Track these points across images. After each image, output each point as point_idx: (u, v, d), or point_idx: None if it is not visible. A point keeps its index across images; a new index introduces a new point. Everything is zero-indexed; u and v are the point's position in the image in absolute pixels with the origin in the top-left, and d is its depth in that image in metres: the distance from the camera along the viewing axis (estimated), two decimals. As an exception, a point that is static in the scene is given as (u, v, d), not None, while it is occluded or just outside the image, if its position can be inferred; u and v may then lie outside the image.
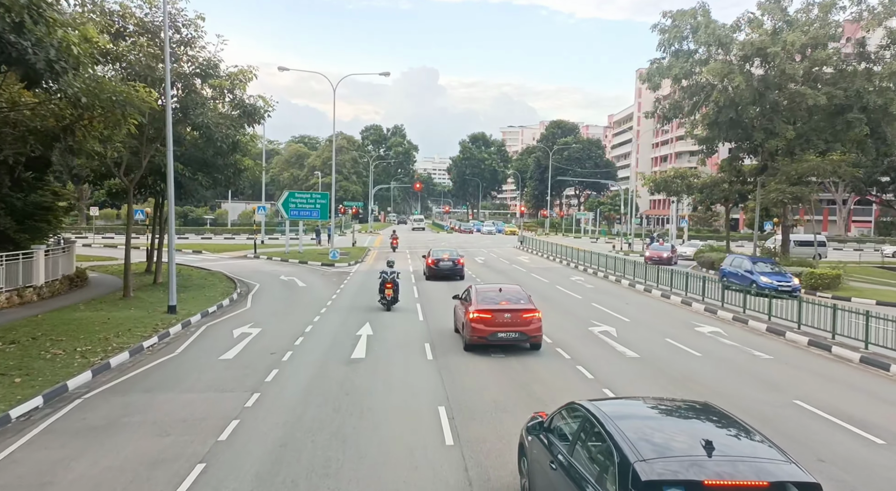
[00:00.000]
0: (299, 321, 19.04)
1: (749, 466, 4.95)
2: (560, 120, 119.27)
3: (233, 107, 23.09)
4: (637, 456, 4.98)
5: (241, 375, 12.80)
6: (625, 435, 5.32)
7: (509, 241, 68.20)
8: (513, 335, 14.57)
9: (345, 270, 35.56)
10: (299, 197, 42.15)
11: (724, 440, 5.36)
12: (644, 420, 5.95)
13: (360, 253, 45.45)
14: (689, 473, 4.78)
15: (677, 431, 5.71)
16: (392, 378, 12.78)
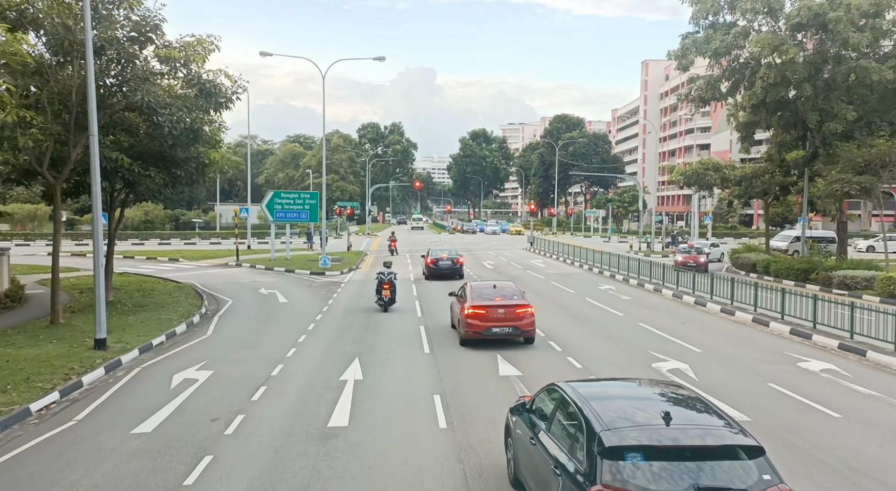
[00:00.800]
0: (267, 357, 14.49)
1: (701, 432, 5.58)
2: (564, 114, 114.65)
3: (188, 84, 18.50)
4: (603, 426, 5.55)
5: (149, 472, 8.23)
6: (595, 410, 5.86)
7: (516, 242, 63.63)
8: (506, 330, 15.01)
9: (336, 279, 31.00)
10: (286, 197, 37.59)
11: (682, 413, 5.99)
12: (615, 398, 6.53)
13: (354, 259, 40.89)
14: (647, 439, 5.40)
15: (643, 407, 6.23)
16: (389, 466, 8.26)
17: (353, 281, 30.20)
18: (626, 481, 5.16)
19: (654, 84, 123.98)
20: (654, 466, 5.25)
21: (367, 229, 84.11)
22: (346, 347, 15.63)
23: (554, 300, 23.44)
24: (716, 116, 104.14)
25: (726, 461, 5.31)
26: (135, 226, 78.63)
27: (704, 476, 5.18)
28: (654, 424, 5.63)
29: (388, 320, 19.61)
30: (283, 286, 27.90)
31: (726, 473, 5.23)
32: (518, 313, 15.10)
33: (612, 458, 5.29)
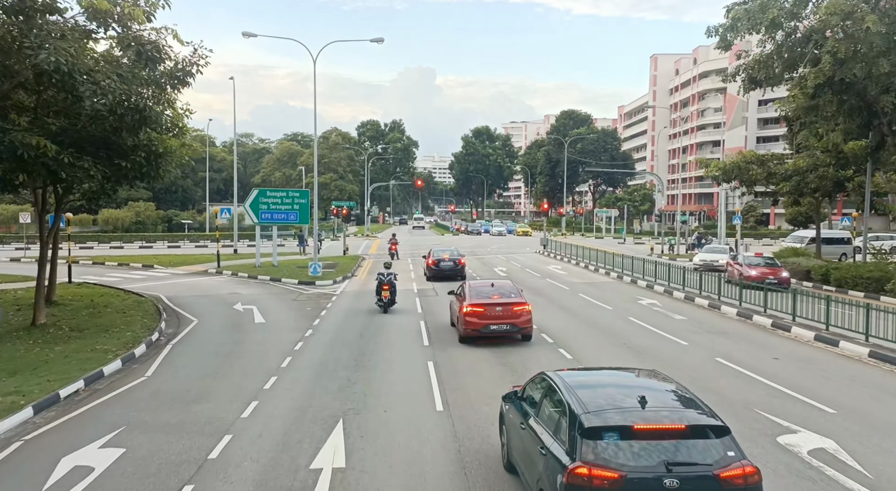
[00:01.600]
0: (213, 420, 10.20)
1: (673, 414, 6.15)
2: (571, 110, 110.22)
3: (122, 46, 14.19)
4: (584, 410, 6.11)
5: None
6: (578, 396, 6.40)
7: (525, 244, 59.28)
8: (504, 327, 15.14)
9: (327, 290, 26.71)
10: (272, 196, 33.29)
11: (658, 398, 6.52)
12: (598, 386, 7.07)
13: (351, 264, 36.58)
14: (623, 420, 5.92)
15: (622, 392, 6.67)
16: None
17: (346, 293, 25.89)
18: (603, 459, 5.68)
19: (664, 79, 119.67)
20: (630, 444, 5.77)
21: (367, 230, 79.80)
22: (327, 400, 11.30)
23: (590, 320, 19.14)
24: (730, 112, 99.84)
25: (695, 440, 5.85)
26: (125, 227, 74.80)
27: (675, 453, 5.73)
28: (631, 407, 6.14)
29: (386, 350, 15.32)
30: (263, 300, 23.60)
31: (695, 451, 5.79)
32: (516, 311, 15.32)
33: (592, 438, 5.82)
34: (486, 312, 15.18)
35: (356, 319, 19.86)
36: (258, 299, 23.78)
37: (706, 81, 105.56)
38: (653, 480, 5.57)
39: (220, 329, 18.36)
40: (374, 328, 18.18)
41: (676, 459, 5.69)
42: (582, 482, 5.63)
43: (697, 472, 5.66)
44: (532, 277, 30.93)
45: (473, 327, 15.16)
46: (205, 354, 15.27)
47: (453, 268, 28.85)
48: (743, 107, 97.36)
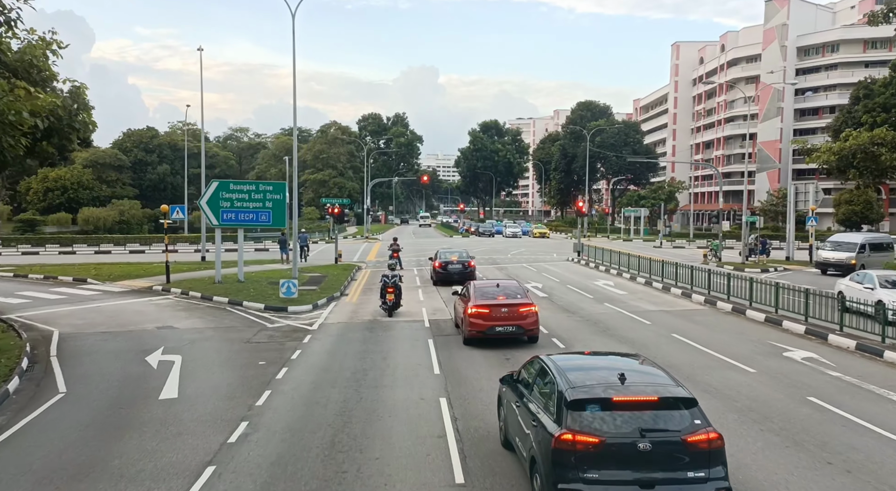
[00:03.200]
0: None
1: (647, 388, 6.94)
2: (589, 101, 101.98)
3: None
4: (569, 385, 6.93)
5: None
6: (566, 375, 7.19)
7: (549, 248, 51.26)
8: (510, 329, 14.82)
9: (302, 322, 18.81)
10: (237, 190, 25.40)
11: (636, 375, 7.27)
12: (584, 367, 7.83)
13: (341, 277, 28.68)
14: (604, 394, 6.75)
15: (605, 371, 7.48)
16: None
17: (328, 328, 17.99)
18: (586, 426, 6.49)
19: (686, 69, 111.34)
20: (609, 414, 6.58)
21: (366, 232, 71.80)
22: None
23: (749, 407, 11.17)
24: (763, 102, 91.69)
25: (666, 411, 6.64)
26: (108, 227, 67.73)
27: (648, 422, 6.53)
28: (612, 383, 6.93)
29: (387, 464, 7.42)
30: (200, 344, 15.73)
31: (666, 420, 6.58)
32: (521, 312, 14.93)
33: (576, 409, 6.62)
34: (491, 313, 14.87)
35: (336, 386, 11.95)
36: (192, 343, 15.88)
37: (736, 69, 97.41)
38: (629, 445, 6.37)
39: (90, 415, 10.46)
40: (364, 412, 10.29)
41: (650, 426, 6.47)
42: (567, 446, 6.41)
43: (667, 437, 6.45)
44: (582, 298, 22.97)
45: (478, 329, 14.88)
46: None
47: (462, 271, 26.19)
48: (778, 96, 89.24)
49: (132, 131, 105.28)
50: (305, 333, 17.17)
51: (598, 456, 6.35)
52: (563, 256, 42.44)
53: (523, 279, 28.73)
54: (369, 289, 26.30)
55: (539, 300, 22.29)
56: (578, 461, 6.36)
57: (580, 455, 6.36)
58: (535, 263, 36.88)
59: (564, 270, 32.70)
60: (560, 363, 7.66)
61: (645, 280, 27.01)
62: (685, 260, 33.51)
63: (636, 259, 29.68)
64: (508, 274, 30.62)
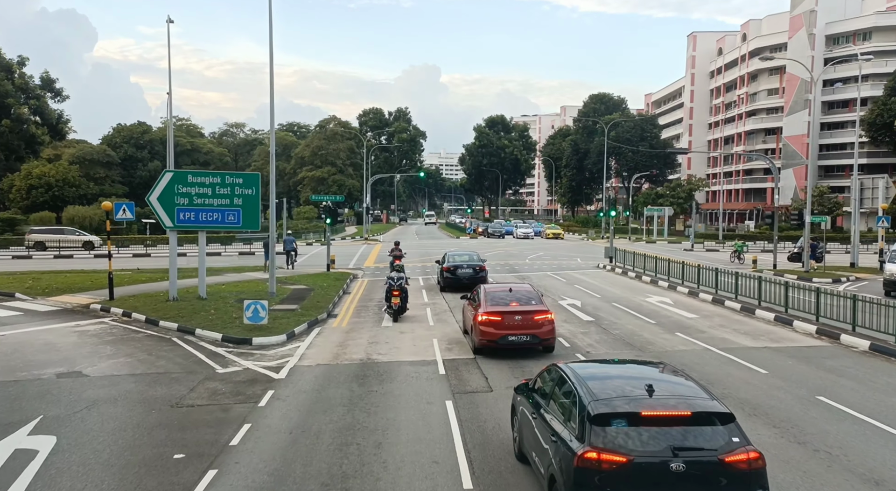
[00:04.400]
0: None
1: (679, 401, 6.19)
2: (602, 93, 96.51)
3: None
4: (593, 398, 6.21)
5: None
6: (587, 385, 6.53)
7: (567, 251, 45.81)
8: (524, 338, 13.57)
9: (267, 366, 13.40)
10: (197, 183, 20.02)
11: (665, 386, 6.60)
12: (607, 376, 7.18)
13: (332, 290, 23.35)
14: (631, 407, 6.03)
15: (630, 381, 6.83)
16: None
17: (302, 375, 12.60)
18: (612, 444, 5.79)
19: (703, 61, 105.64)
20: (637, 430, 5.87)
21: (366, 232, 66.37)
22: None
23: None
24: (789, 94, 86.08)
25: (700, 427, 5.91)
26: (94, 227, 62.84)
27: (681, 439, 5.80)
28: (639, 395, 6.23)
29: None
30: (98, 411, 10.38)
31: (700, 437, 5.85)
32: (537, 320, 13.64)
33: (600, 424, 5.92)
34: (503, 320, 13.52)
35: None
36: (91, 408, 10.52)
37: (759, 60, 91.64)
38: (659, 464, 5.68)
39: None
40: None
41: (682, 444, 5.77)
42: (591, 466, 5.76)
43: (703, 457, 5.76)
44: (643, 324, 17.52)
45: (489, 338, 13.53)
46: None
47: (473, 276, 23.65)
48: (805, 88, 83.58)
49: (122, 126, 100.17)
50: (267, 386, 11.80)
51: (625, 477, 5.71)
52: (588, 262, 37.03)
53: (555, 293, 23.35)
54: (364, 307, 20.93)
55: (585, 327, 16.94)
56: (603, 482, 5.74)
57: (605, 475, 5.73)
58: (562, 272, 31.44)
59: (601, 282, 27.24)
60: (580, 372, 7.07)
61: (712, 297, 21.48)
62: (726, 265, 28.34)
63: (684, 266, 24.29)
64: (535, 285, 25.27)
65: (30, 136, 52.38)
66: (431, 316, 19.05)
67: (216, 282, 25.56)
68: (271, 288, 21.78)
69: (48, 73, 56.46)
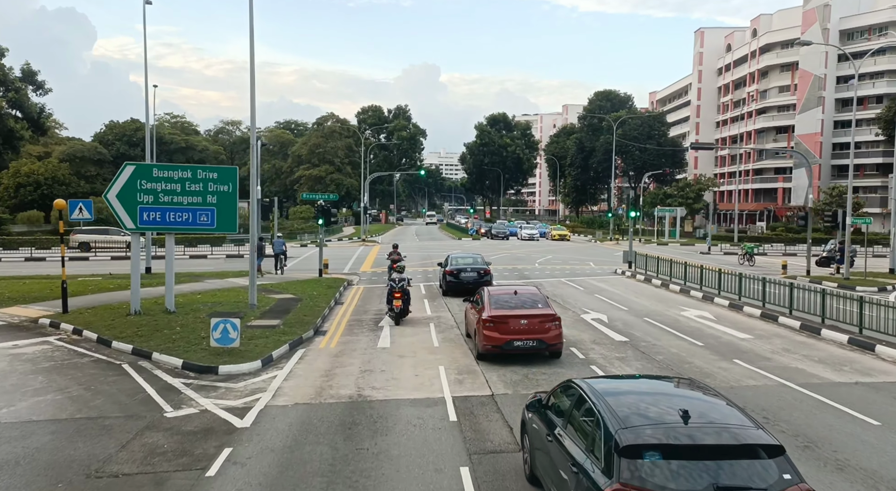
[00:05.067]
0: None
1: (720, 430, 5.34)
2: (608, 90, 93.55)
3: None
4: (620, 425, 5.37)
5: None
6: (611, 408, 5.70)
7: (579, 254, 42.97)
8: (530, 344, 12.85)
9: (231, 407, 10.58)
10: (163, 178, 17.20)
11: (700, 410, 5.71)
12: (631, 395, 6.26)
13: (322, 300, 20.53)
14: (665, 438, 5.20)
15: (660, 404, 5.95)
16: None
17: (274, 423, 9.79)
18: (644, 480, 5.02)
19: (711, 57, 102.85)
20: (673, 464, 5.11)
21: (363, 233, 63.55)
22: None
23: None
24: (801, 91, 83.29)
25: (746, 460, 5.14)
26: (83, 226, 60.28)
27: (724, 475, 5.02)
28: (672, 421, 5.47)
29: None
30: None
31: (746, 472, 5.05)
32: (543, 324, 12.93)
33: (630, 456, 5.15)
34: (508, 325, 12.84)
35: None
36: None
37: (770, 56, 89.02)
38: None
39: None
40: None
41: (726, 481, 4.97)
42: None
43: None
44: (690, 348, 14.69)
45: (494, 343, 12.82)
46: None
47: (477, 279, 22.54)
48: (819, 84, 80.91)
49: (115, 123, 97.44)
50: (224, 440, 8.99)
51: None
52: (602, 266, 34.22)
53: (575, 305, 20.56)
54: (358, 321, 18.14)
55: (620, 350, 14.15)
56: None
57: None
58: (577, 278, 28.62)
59: (625, 291, 24.40)
60: (600, 390, 6.23)
61: (760, 311, 18.63)
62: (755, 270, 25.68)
63: (721, 275, 21.50)
64: (550, 294, 22.49)
65: (8, 131, 49.54)
66: (436, 334, 16.26)
67: (193, 290, 22.75)
68: (252, 299, 18.95)
69: (29, 64, 53.54)
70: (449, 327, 17.18)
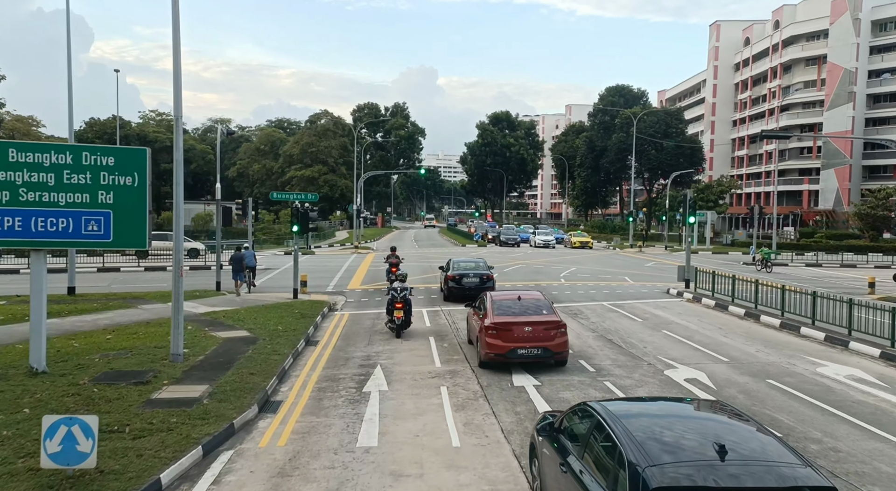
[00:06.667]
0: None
1: (762, 469, 4.61)
2: (621, 85, 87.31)
3: None
4: (647, 461, 4.66)
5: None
6: (634, 438, 4.99)
7: (608, 265, 36.69)
8: (535, 352, 12.35)
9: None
10: (26, 164, 11.01)
11: (739, 443, 4.93)
12: (654, 420, 5.49)
13: (287, 341, 14.36)
14: (702, 479, 4.47)
15: (689, 433, 5.19)
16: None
17: None
18: None
19: (728, 52, 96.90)
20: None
21: (356, 239, 57.22)
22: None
23: None
24: (830, 86, 77.30)
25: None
26: None
27: None
28: (708, 457, 4.65)
29: None
30: None
31: None
32: (548, 331, 12.47)
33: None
34: (512, 332, 12.37)
35: None
36: None
37: (794, 49, 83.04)
38: None
39: None
40: None
41: None
42: None
43: None
44: (891, 453, 8.59)
45: (497, 351, 12.32)
46: None
47: (479, 285, 21.57)
48: (849, 79, 74.94)
49: (95, 121, 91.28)
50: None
51: None
52: (642, 282, 28.12)
53: (645, 349, 14.34)
54: (333, 379, 12.03)
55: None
56: None
57: None
58: (623, 302, 22.38)
59: (699, 323, 18.14)
60: (620, 415, 5.43)
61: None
62: (834, 288, 19.74)
63: (839, 304, 15.39)
64: (600, 330, 16.33)
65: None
66: (451, 411, 10.08)
67: (111, 323, 16.51)
68: (175, 346, 12.67)
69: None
70: (474, 396, 11.00)
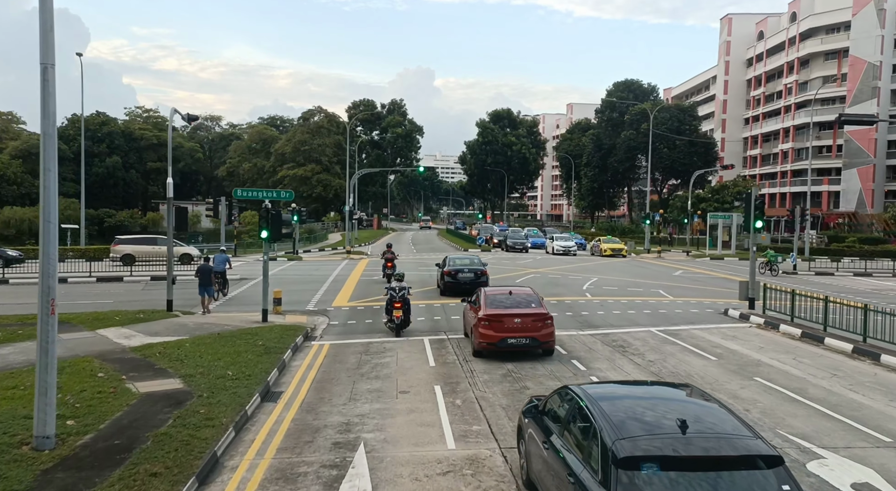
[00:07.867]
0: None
1: (719, 440, 5.23)
2: (630, 80, 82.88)
3: None
4: (617, 435, 5.21)
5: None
6: (607, 416, 5.53)
7: (636, 276, 32.11)
8: (523, 341, 13.59)
9: None
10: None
11: (699, 420, 5.54)
12: (627, 403, 6.03)
13: (234, 395, 9.89)
14: (663, 449, 5.07)
15: (657, 412, 5.78)
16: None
17: None
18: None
19: (740, 46, 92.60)
20: (671, 476, 4.96)
21: (350, 241, 52.55)
22: None
23: None
24: (852, 82, 73.00)
25: (745, 471, 5.05)
26: (34, 231, 51.12)
27: (723, 486, 4.93)
28: (670, 431, 5.33)
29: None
30: None
31: (745, 483, 4.96)
32: (536, 323, 13.63)
33: (628, 468, 5.02)
34: (503, 323, 13.54)
35: None
36: None
37: (812, 43, 78.78)
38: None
39: None
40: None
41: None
42: None
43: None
44: None
45: (489, 341, 13.53)
46: None
47: (474, 280, 22.72)
48: (873, 73, 70.71)
49: (77, 117, 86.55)
50: None
51: None
52: (682, 297, 23.61)
53: (749, 416, 9.79)
54: (291, 477, 7.46)
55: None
56: None
57: None
58: (674, 328, 17.86)
59: (813, 370, 13.44)
60: (596, 396, 6.06)
61: None
62: None
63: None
64: (665, 374, 11.91)
65: None
66: None
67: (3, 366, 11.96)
68: (40, 425, 8.08)
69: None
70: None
